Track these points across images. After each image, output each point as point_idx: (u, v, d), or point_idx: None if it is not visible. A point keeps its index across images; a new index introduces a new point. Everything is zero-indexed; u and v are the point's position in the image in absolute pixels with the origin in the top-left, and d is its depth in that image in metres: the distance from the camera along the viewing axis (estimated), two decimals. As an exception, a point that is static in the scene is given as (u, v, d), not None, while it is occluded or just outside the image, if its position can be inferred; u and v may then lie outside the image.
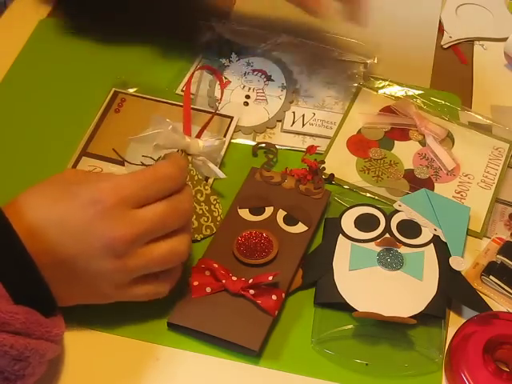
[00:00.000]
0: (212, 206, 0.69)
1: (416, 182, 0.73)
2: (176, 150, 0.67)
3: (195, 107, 0.77)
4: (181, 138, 0.67)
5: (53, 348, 0.54)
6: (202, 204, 0.69)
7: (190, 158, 0.69)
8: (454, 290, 0.64)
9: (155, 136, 0.66)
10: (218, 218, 0.69)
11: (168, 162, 0.58)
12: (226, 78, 0.79)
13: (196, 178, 0.70)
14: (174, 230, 0.57)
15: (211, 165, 0.69)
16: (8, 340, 0.49)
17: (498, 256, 0.67)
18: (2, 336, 0.49)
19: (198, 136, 0.72)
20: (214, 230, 0.68)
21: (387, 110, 0.80)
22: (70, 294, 0.56)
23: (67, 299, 0.56)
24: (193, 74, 0.78)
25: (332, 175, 0.73)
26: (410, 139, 0.77)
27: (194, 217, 0.68)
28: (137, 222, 0.53)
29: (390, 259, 0.64)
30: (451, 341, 0.61)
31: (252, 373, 0.60)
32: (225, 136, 0.75)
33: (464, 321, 0.62)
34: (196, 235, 0.68)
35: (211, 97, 0.78)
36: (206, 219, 0.68)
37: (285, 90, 0.81)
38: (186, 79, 0.81)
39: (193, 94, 0.78)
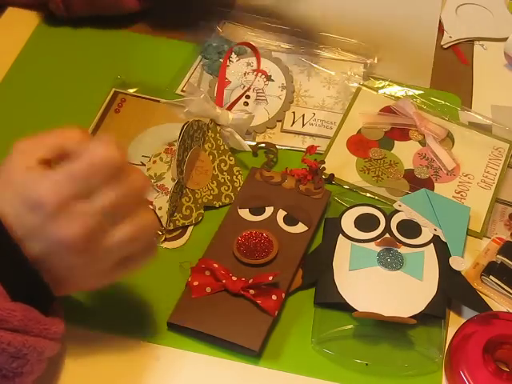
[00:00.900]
0: (234, 177, 0.72)
1: (416, 182, 0.73)
2: (206, 118, 0.71)
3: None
4: (211, 108, 0.71)
5: (51, 346, 0.54)
6: (225, 174, 0.71)
7: (218, 128, 0.72)
8: (453, 290, 0.64)
9: (187, 102, 0.70)
10: (238, 189, 0.71)
11: (100, 143, 0.53)
12: (226, 78, 0.79)
13: (222, 148, 0.72)
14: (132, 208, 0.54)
15: (238, 137, 0.72)
16: (5, 337, 0.49)
17: (498, 256, 0.67)
18: None
19: (229, 108, 0.74)
20: (233, 199, 0.70)
21: (387, 110, 0.80)
22: (59, 285, 0.54)
23: (59, 290, 0.55)
24: (231, 48, 0.80)
25: (332, 175, 0.73)
26: (410, 139, 0.77)
27: (216, 184, 0.70)
28: (88, 217, 0.51)
29: (390, 259, 0.64)
30: (451, 341, 0.61)
31: (252, 373, 0.60)
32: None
33: (464, 321, 0.62)
34: (215, 202, 0.70)
35: (212, 97, 0.78)
36: (226, 188, 0.71)
37: (285, 90, 0.81)
38: (186, 79, 0.81)
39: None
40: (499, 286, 0.65)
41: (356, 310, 0.61)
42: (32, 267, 0.51)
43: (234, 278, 0.62)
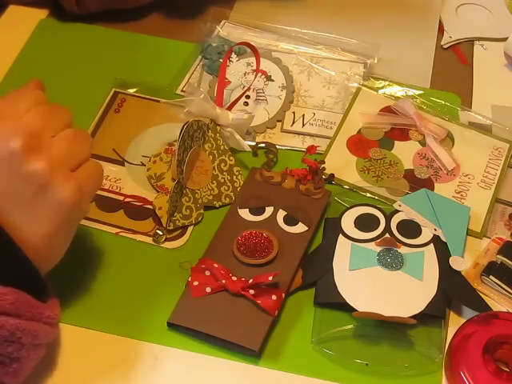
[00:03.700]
0: (234, 177, 0.72)
1: (416, 182, 0.73)
2: (206, 118, 0.71)
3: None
4: (211, 108, 0.71)
5: (46, 330, 0.54)
6: (225, 173, 0.71)
7: (218, 128, 0.72)
8: (454, 290, 0.64)
9: (187, 102, 0.70)
10: (238, 189, 0.71)
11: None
12: (226, 78, 0.79)
13: (222, 148, 0.72)
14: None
15: (238, 137, 0.72)
16: None
17: (498, 256, 0.67)
18: None
19: (229, 108, 0.74)
20: (233, 199, 0.70)
21: (387, 110, 0.80)
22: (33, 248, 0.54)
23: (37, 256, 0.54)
24: (231, 48, 0.79)
25: (332, 175, 0.73)
26: (410, 139, 0.77)
27: (215, 184, 0.70)
28: (21, 128, 0.53)
29: (390, 259, 0.64)
30: (451, 341, 0.61)
31: (252, 373, 0.60)
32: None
33: (464, 321, 0.62)
34: (215, 202, 0.70)
35: (212, 97, 0.78)
36: (226, 188, 0.71)
37: (285, 90, 0.81)
38: (186, 79, 0.81)
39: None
40: (499, 286, 0.65)
41: (356, 310, 0.61)
42: (16, 247, 0.51)
43: (234, 278, 0.62)
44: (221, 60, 0.82)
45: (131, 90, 0.80)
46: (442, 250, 0.66)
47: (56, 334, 0.57)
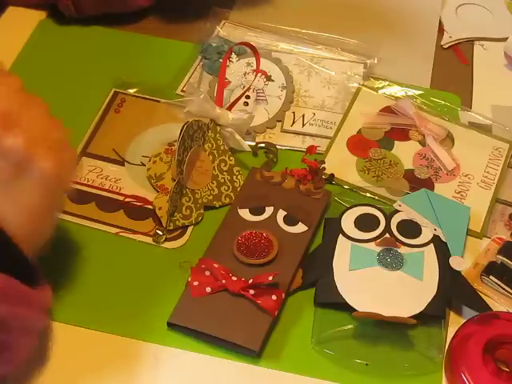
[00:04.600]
0: (234, 177, 0.72)
1: (416, 182, 0.73)
2: (206, 118, 0.71)
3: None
4: (211, 108, 0.72)
5: (36, 316, 0.53)
6: (225, 174, 0.71)
7: (218, 128, 0.72)
8: (454, 290, 0.64)
9: (187, 102, 0.71)
10: (238, 189, 0.71)
11: None
12: (226, 79, 0.79)
13: (222, 148, 0.72)
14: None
15: (238, 137, 0.72)
16: None
17: (498, 256, 0.67)
18: None
19: (229, 108, 0.74)
20: (233, 199, 0.70)
21: (387, 110, 0.80)
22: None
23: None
24: (231, 48, 0.79)
25: (332, 175, 0.73)
26: (410, 139, 0.77)
27: (216, 184, 0.70)
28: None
29: (390, 259, 0.64)
30: (451, 341, 0.61)
31: (252, 373, 0.60)
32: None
33: (464, 321, 0.62)
34: (215, 202, 0.70)
35: (212, 97, 0.78)
36: (226, 188, 0.71)
37: (285, 90, 0.81)
38: (186, 79, 0.81)
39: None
40: (499, 286, 0.65)
41: (356, 310, 0.61)
42: (4, 234, 0.51)
43: (234, 278, 0.62)
44: (221, 60, 0.82)
45: (131, 90, 0.80)
46: (442, 250, 0.66)
47: (47, 320, 0.57)
